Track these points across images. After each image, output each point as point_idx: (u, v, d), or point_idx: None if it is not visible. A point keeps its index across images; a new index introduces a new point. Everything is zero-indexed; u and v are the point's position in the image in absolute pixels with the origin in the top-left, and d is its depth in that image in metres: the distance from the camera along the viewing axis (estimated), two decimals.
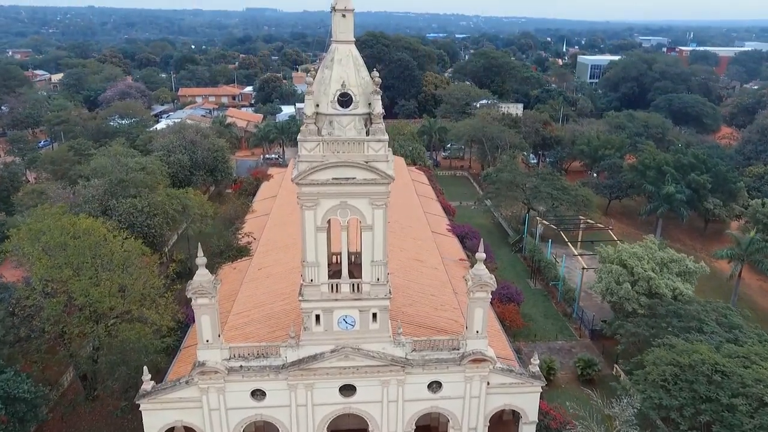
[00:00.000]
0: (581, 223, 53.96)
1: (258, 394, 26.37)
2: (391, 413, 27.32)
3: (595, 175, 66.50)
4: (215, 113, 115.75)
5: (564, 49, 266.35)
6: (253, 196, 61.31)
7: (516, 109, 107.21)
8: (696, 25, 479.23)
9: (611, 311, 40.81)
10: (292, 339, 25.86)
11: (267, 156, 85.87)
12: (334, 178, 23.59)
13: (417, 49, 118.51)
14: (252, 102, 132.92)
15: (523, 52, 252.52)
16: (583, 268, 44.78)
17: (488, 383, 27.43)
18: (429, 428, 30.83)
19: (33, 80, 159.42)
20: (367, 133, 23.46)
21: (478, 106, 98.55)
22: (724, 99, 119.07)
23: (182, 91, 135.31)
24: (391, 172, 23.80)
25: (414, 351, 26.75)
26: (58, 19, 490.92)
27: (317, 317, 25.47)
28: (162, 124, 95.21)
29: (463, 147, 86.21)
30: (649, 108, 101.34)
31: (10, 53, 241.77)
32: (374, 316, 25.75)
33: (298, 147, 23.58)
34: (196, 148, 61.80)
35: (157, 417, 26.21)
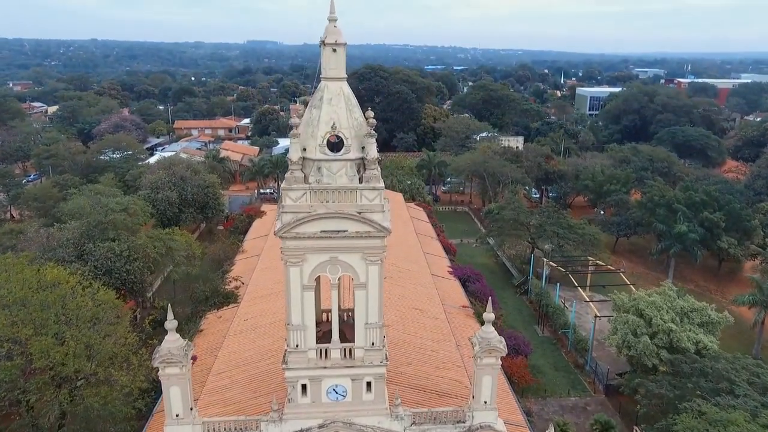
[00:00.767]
0: (590, 265, 51.09)
1: None
2: None
3: (602, 212, 63.98)
4: (211, 146, 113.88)
5: (562, 81, 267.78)
6: (245, 234, 58.59)
7: (516, 142, 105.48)
8: (689, 58, 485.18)
9: (627, 363, 37.61)
10: (274, 412, 22.70)
11: (261, 191, 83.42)
12: (322, 231, 20.83)
13: (415, 82, 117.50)
14: (249, 135, 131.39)
15: (521, 84, 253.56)
16: (596, 316, 41.69)
17: None
18: None
19: (30, 112, 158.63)
20: (361, 181, 20.80)
21: (478, 139, 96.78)
22: (727, 132, 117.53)
23: (178, 123, 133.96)
24: (388, 224, 21.06)
25: (414, 425, 23.54)
26: (61, 52, 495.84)
27: (303, 387, 22.38)
28: (155, 158, 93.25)
29: (464, 181, 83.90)
30: (652, 141, 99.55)
31: (11, 85, 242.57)
32: (368, 385, 22.65)
33: (281, 196, 20.92)
34: (185, 184, 59.33)
35: None
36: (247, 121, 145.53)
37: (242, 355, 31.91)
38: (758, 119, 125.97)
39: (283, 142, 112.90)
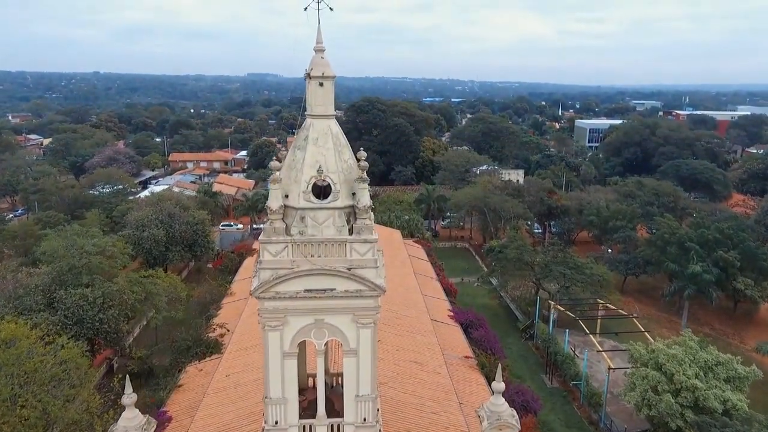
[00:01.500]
0: (600, 308, 48.09)
1: None
2: None
3: (609, 250, 61.34)
4: (206, 179, 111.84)
5: (560, 113, 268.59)
6: (235, 274, 55.67)
7: (517, 176, 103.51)
8: (684, 90, 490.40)
9: (646, 421, 34.30)
10: None
11: (255, 226, 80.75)
12: (306, 290, 18.05)
13: (414, 114, 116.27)
14: (245, 168, 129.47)
15: (519, 116, 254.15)
16: (610, 368, 38.49)
17: None
18: None
19: (25, 144, 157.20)
20: (351, 232, 18.14)
21: (478, 172, 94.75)
22: (731, 164, 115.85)
23: (173, 156, 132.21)
24: (382, 282, 18.30)
25: None
26: (62, 85, 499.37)
27: None
28: (148, 191, 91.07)
29: (464, 216, 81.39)
30: (656, 174, 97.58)
31: (10, 117, 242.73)
32: None
33: (260, 250, 18.22)
34: (173, 221, 56.69)
35: None
36: (244, 153, 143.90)
37: (222, 418, 28.69)
38: (761, 151, 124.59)
39: None
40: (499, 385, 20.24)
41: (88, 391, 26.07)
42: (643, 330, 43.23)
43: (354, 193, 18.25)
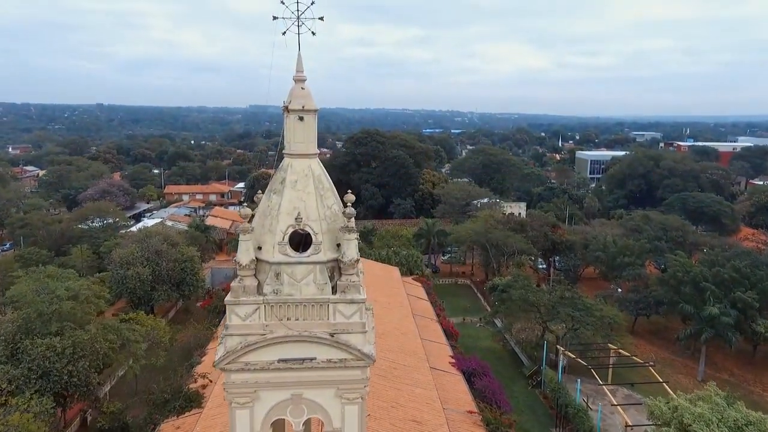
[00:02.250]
0: (612, 353, 44.93)
1: None
2: None
3: (619, 290, 58.48)
4: (201, 212, 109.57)
5: (560, 144, 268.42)
6: (224, 315, 52.65)
7: (519, 209, 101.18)
8: (682, 121, 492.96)
9: None
10: None
11: None
12: (281, 360, 15.26)
13: (413, 146, 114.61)
14: (242, 200, 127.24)
15: (519, 147, 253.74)
16: (627, 425, 35.20)
17: None
18: None
19: (21, 176, 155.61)
20: (334, 291, 15.48)
21: (479, 205, 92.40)
22: (737, 196, 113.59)
23: (169, 188, 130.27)
24: (370, 349, 15.51)
25: None
26: (65, 116, 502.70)
27: None
28: (140, 225, 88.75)
29: (465, 251, 78.63)
30: (661, 207, 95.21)
31: (10, 149, 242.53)
32: None
33: (226, 312, 15.50)
34: (161, 258, 53.98)
35: None
36: (242, 185, 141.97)
37: None
38: (766, 183, 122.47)
39: None
40: None
41: None
42: (661, 381, 39.99)
43: (339, 245, 15.67)
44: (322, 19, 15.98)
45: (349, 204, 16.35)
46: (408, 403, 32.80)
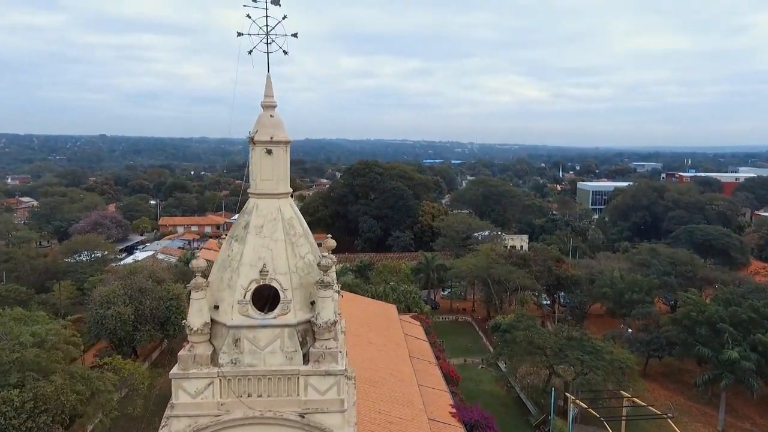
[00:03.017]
0: (626, 401, 41.59)
1: None
2: None
3: (629, 330, 55.38)
4: (195, 244, 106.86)
5: (560, 175, 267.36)
6: None
7: (521, 241, 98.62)
8: (681, 152, 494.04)
9: None
10: None
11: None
12: None
13: (412, 178, 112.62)
14: None
15: (520, 178, 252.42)
16: None
17: None
18: None
19: (16, 207, 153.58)
20: (306, 360, 12.79)
21: (480, 238, 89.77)
22: (744, 228, 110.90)
23: (163, 220, 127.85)
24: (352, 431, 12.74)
25: None
26: (67, 147, 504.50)
27: None
28: (130, 259, 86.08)
29: (466, 286, 75.62)
30: (667, 239, 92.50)
31: (9, 180, 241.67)
32: None
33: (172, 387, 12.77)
34: (144, 296, 51.08)
35: None
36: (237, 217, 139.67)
37: None
38: None
39: None
40: None
41: None
42: None
43: (313, 303, 13.04)
44: (295, 35, 13.72)
45: (328, 253, 13.82)
46: None
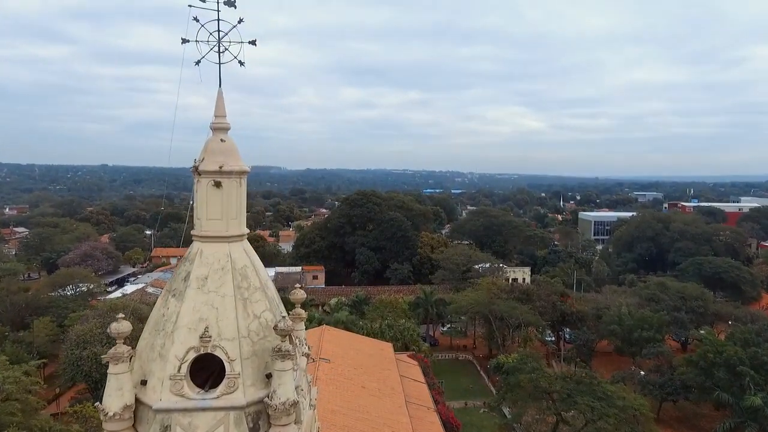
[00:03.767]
0: None
1: None
2: None
3: (642, 372, 52.02)
4: None
5: (561, 205, 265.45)
6: None
7: (523, 273, 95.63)
8: (681, 181, 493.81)
9: None
10: None
11: None
12: None
13: (411, 208, 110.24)
14: None
15: (521, 208, 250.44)
16: None
17: None
18: None
19: (9, 238, 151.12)
20: None
21: (481, 270, 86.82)
22: (753, 260, 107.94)
23: (157, 251, 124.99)
24: None
25: None
26: (68, 177, 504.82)
27: None
28: (119, 293, 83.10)
29: (466, 322, 72.34)
30: (675, 272, 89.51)
31: (7, 209, 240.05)
32: None
33: None
34: None
35: None
36: None
37: None
38: None
39: (267, 272, 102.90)
40: None
41: None
42: None
43: (269, 376, 10.28)
44: (254, 43, 11.29)
45: (297, 308, 11.11)
46: None
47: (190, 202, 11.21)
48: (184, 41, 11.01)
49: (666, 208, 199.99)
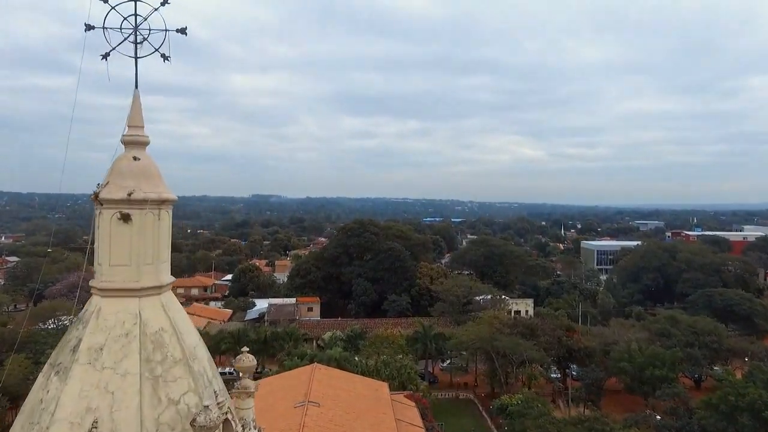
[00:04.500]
0: None
1: None
2: None
3: (657, 417, 48.29)
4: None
5: (563, 233, 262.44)
6: None
7: (526, 305, 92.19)
8: (682, 209, 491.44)
9: None
10: None
11: (221, 371, 67.79)
12: None
13: (410, 238, 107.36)
14: (226, 294, 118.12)
15: (521, 236, 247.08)
16: None
17: None
18: None
19: (1, 267, 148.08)
20: None
21: (482, 302, 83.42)
22: (764, 291, 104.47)
23: None
24: None
25: None
26: (68, 205, 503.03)
27: None
28: None
29: (467, 359, 68.61)
30: (684, 304, 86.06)
31: (3, 238, 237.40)
32: None
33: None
34: None
35: None
36: (229, 278, 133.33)
37: None
38: None
39: (260, 304, 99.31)
40: None
41: None
42: None
43: None
44: (183, 32, 8.62)
45: (243, 377, 8.24)
46: None
47: (89, 244, 8.40)
48: (89, 28, 8.35)
49: (669, 237, 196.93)
